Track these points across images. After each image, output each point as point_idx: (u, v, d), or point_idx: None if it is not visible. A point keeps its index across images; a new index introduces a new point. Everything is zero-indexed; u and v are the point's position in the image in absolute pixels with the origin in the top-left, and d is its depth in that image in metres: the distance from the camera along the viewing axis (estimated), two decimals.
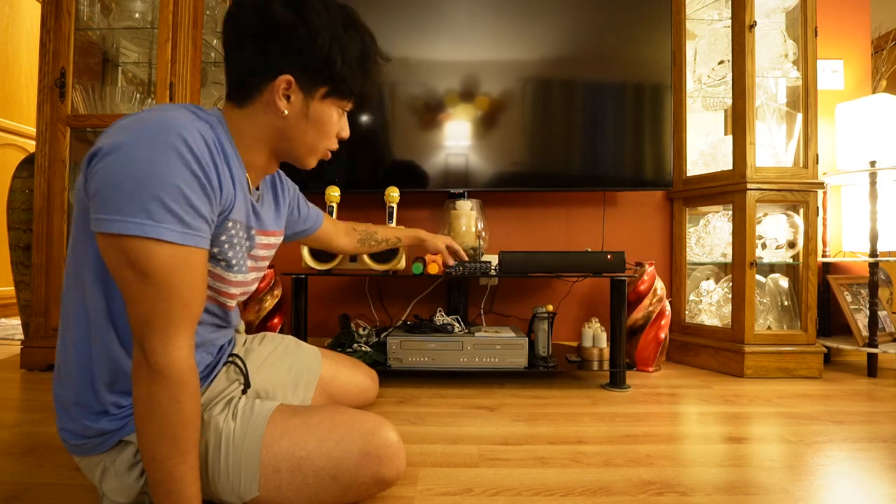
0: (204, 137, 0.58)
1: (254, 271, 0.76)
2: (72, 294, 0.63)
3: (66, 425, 0.65)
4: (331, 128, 0.72)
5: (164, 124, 0.55)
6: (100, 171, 0.52)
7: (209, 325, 0.74)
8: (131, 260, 0.53)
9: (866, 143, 1.65)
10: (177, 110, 0.59)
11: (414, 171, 1.65)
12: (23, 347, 1.53)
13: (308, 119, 0.69)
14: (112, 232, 0.52)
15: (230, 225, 0.65)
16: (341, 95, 0.70)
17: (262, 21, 0.63)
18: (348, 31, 0.67)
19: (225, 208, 0.63)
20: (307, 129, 0.70)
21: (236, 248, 0.68)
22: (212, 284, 0.68)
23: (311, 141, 0.71)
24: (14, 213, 1.62)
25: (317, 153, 0.74)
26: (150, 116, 0.56)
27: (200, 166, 0.56)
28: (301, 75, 0.65)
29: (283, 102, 0.66)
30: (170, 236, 0.53)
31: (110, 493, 0.65)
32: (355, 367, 1.14)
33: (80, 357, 0.62)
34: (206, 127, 0.60)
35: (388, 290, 1.86)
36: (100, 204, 0.52)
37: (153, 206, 0.52)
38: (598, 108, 1.65)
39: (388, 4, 1.63)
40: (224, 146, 0.63)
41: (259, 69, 0.65)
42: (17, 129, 2.61)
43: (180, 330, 0.56)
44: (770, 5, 1.69)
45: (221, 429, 0.67)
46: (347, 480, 0.67)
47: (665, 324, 1.60)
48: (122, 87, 1.64)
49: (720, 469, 0.87)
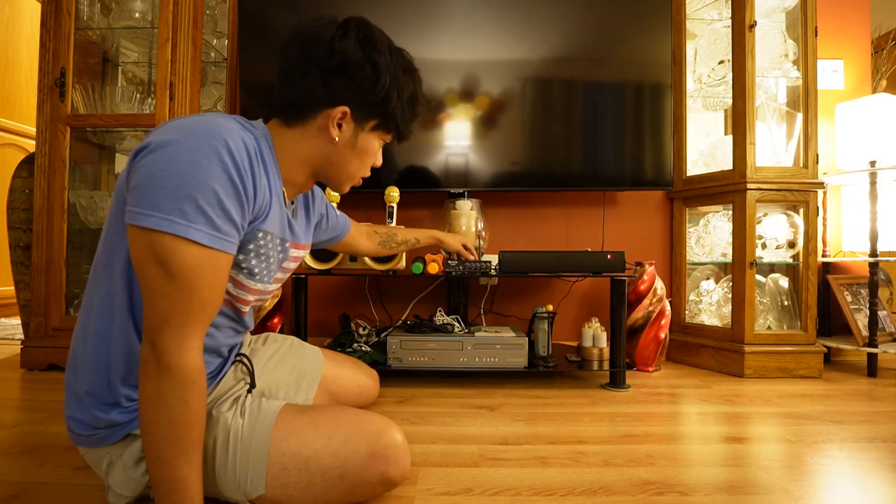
0: (247, 145, 0.60)
1: (277, 282, 0.77)
2: (99, 284, 0.63)
3: (75, 414, 0.65)
4: (372, 158, 0.77)
5: (212, 129, 0.57)
6: (144, 165, 0.54)
7: (227, 329, 0.74)
8: (158, 256, 0.54)
9: (866, 142, 1.65)
10: (226, 119, 0.61)
11: (414, 171, 1.65)
12: (23, 347, 1.53)
13: (355, 148, 0.73)
14: (145, 226, 0.53)
15: (260, 235, 0.66)
16: (387, 130, 0.75)
17: (332, 55, 0.66)
18: (405, 75, 0.72)
19: (257, 216, 0.64)
20: (352, 158, 0.74)
21: (262, 258, 0.68)
22: (231, 290, 0.68)
23: (353, 169, 0.76)
24: (14, 213, 1.62)
25: (353, 180, 0.78)
26: (200, 120, 0.58)
27: (238, 172, 0.57)
28: (357, 108, 0.70)
29: (335, 131, 0.70)
30: (199, 237, 0.54)
31: (116, 486, 0.65)
32: (356, 366, 1.15)
33: (98, 347, 0.63)
34: (251, 137, 0.62)
35: (388, 289, 1.86)
36: (138, 197, 0.54)
37: (188, 205, 0.53)
38: (598, 108, 1.65)
39: (388, 4, 1.63)
40: (265, 157, 0.65)
41: (320, 97, 0.68)
42: (17, 129, 2.61)
43: (194, 330, 0.57)
44: (770, 5, 1.69)
45: (230, 425, 0.68)
46: (354, 480, 0.68)
47: (665, 324, 1.60)
48: (122, 87, 1.64)
49: (720, 469, 0.88)
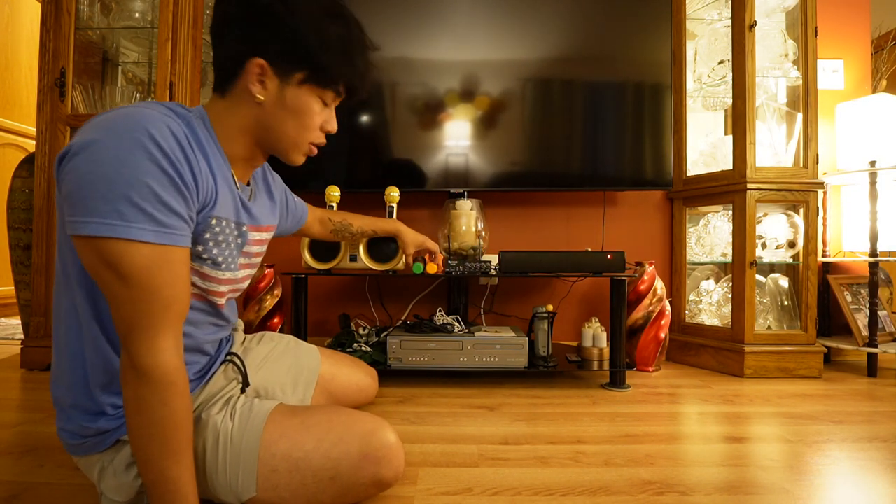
0: (174, 133, 0.56)
1: (245, 268, 0.75)
2: (62, 297, 0.62)
3: (65, 426, 0.64)
4: (311, 119, 0.69)
5: (132, 121, 0.53)
6: (70, 171, 0.52)
7: (207, 326, 0.73)
8: (108, 261, 0.52)
9: (866, 142, 1.65)
10: (148, 107, 0.57)
11: (414, 171, 1.65)
12: (23, 347, 1.53)
13: (285, 107, 0.66)
14: (86, 234, 0.51)
15: (214, 222, 0.63)
16: (320, 83, 0.67)
17: (241, 3, 0.63)
18: (332, 19, 0.66)
19: (205, 204, 0.61)
20: (286, 118, 0.67)
21: (222, 245, 0.66)
22: (199, 283, 0.66)
23: (292, 132, 0.69)
24: (14, 213, 1.62)
25: (300, 147, 0.71)
26: (119, 113, 0.54)
27: (171, 162, 0.54)
28: (275, 59, 0.64)
29: (257, 87, 0.64)
30: (143, 236, 0.52)
31: (109, 492, 0.65)
32: (355, 365, 1.14)
33: (73, 359, 0.62)
34: (178, 123, 0.58)
35: (388, 289, 1.86)
36: (72, 206, 0.52)
37: (124, 205, 0.51)
38: (598, 108, 1.65)
39: (388, 4, 1.63)
40: (201, 141, 0.62)
41: (236, 54, 0.64)
42: (17, 129, 2.61)
43: (163, 331, 0.55)
44: (770, 5, 1.69)
45: (219, 428, 0.67)
46: (346, 481, 0.67)
47: (665, 324, 1.60)
48: (122, 87, 1.64)
49: (720, 469, 0.87)
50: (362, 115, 1.65)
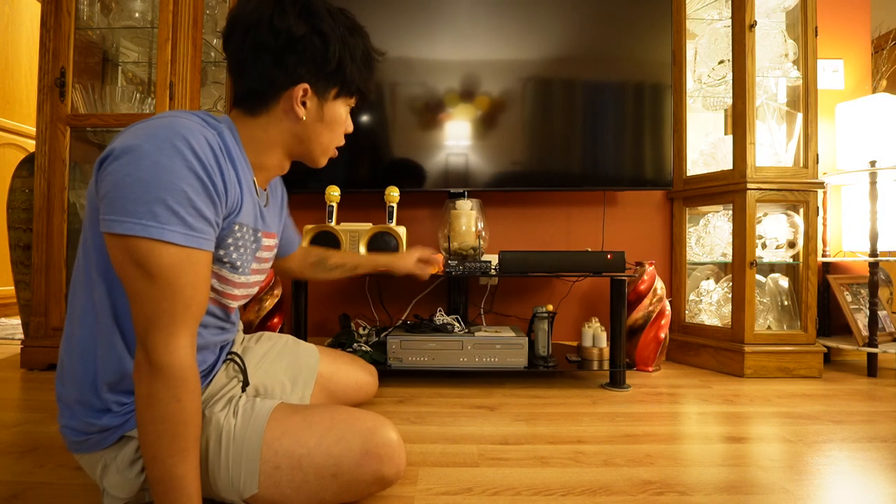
0: (209, 143, 0.60)
1: (256, 273, 0.77)
2: (79, 293, 0.63)
3: (69, 423, 0.65)
4: (342, 127, 0.77)
5: (173, 130, 0.57)
6: (110, 173, 0.55)
7: (214, 328, 0.74)
8: (137, 260, 0.54)
9: (866, 142, 1.65)
10: (186, 117, 0.61)
11: (414, 171, 1.65)
12: (23, 347, 1.53)
13: (323, 121, 0.74)
14: (119, 232, 0.54)
15: (237, 228, 0.67)
16: (350, 94, 0.75)
17: (277, 34, 0.66)
18: (353, 35, 0.72)
19: (231, 211, 0.64)
20: (322, 131, 0.74)
21: (241, 250, 0.69)
22: (216, 286, 0.68)
23: (326, 141, 0.76)
24: (14, 213, 1.62)
25: (329, 152, 0.79)
26: (159, 122, 0.58)
27: (205, 170, 0.58)
28: (316, 81, 0.70)
29: (301, 109, 0.70)
30: (174, 238, 0.55)
31: (111, 489, 0.65)
32: (354, 363, 1.14)
33: (84, 356, 0.63)
34: (213, 133, 0.62)
35: (388, 289, 1.86)
36: (109, 205, 0.54)
37: (158, 208, 0.54)
38: (598, 108, 1.65)
39: (388, 4, 1.63)
40: (231, 151, 0.65)
41: (276, 80, 0.68)
42: (17, 129, 2.61)
43: (182, 329, 0.57)
44: (770, 5, 1.69)
45: (222, 425, 0.68)
46: (348, 478, 0.68)
47: (665, 323, 1.60)
48: (122, 87, 1.64)
49: (720, 469, 0.88)
50: (363, 115, 1.65)
